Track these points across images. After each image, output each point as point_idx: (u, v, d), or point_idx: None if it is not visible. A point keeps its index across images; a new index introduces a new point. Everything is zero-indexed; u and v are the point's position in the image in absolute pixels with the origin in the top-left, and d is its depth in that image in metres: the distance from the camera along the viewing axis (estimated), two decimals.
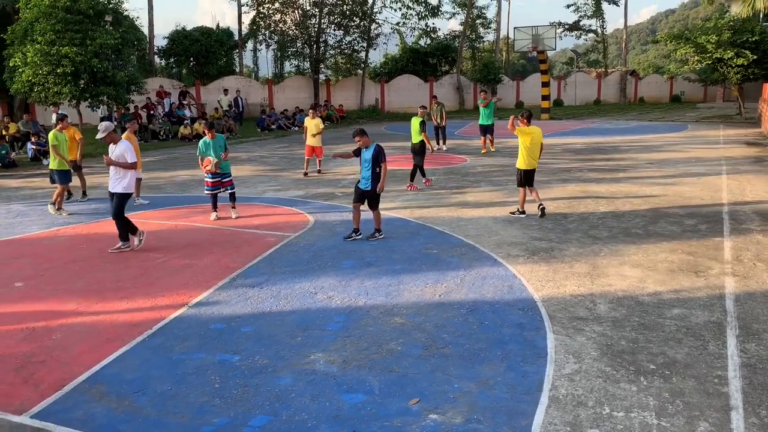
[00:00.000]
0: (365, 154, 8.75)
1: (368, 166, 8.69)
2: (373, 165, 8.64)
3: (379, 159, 8.64)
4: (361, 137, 8.73)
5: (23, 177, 16.02)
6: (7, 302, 6.67)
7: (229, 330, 5.86)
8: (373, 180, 8.70)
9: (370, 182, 8.73)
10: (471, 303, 6.42)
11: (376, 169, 8.65)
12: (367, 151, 8.76)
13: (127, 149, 8.48)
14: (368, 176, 8.72)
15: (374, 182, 8.70)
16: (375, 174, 8.67)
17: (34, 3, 19.70)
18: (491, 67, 42.43)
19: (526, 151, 10.16)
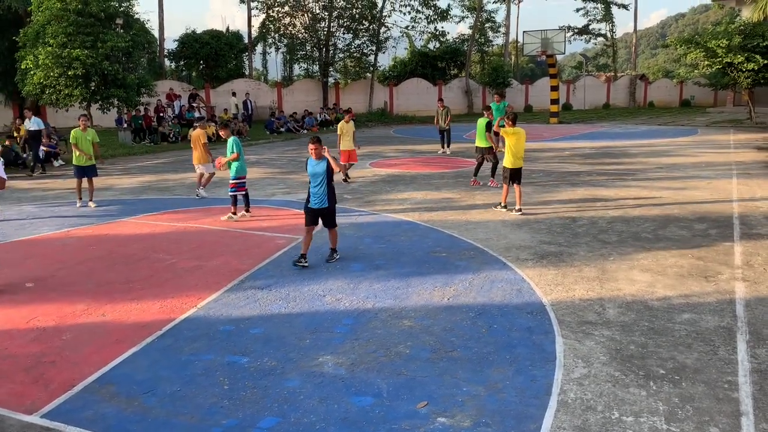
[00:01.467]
0: (317, 168, 7.80)
1: (321, 181, 7.76)
2: (327, 179, 7.78)
3: (331, 172, 7.81)
4: (316, 146, 7.78)
5: (34, 178, 16.13)
6: (18, 302, 6.72)
7: (238, 332, 5.88)
8: (329, 196, 7.84)
9: (325, 198, 7.82)
10: (480, 306, 6.41)
11: (331, 183, 7.85)
12: (319, 164, 7.80)
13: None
14: (321, 192, 7.79)
15: (330, 198, 7.86)
16: (330, 189, 7.85)
17: (46, 6, 19.87)
18: (500, 70, 42.39)
19: (511, 150, 10.77)
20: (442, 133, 20.20)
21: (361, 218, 10.66)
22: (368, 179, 15.02)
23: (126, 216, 11.13)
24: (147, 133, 24.21)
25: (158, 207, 11.95)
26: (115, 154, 20.80)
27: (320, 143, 7.81)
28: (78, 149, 11.89)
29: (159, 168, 17.88)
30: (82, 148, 11.91)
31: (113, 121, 24.70)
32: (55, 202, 12.58)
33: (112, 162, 19.18)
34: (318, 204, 7.82)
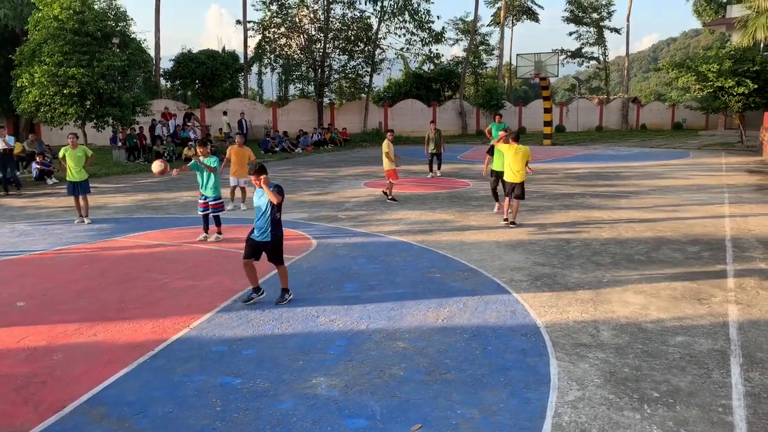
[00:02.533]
0: (259, 199, 7.15)
1: (263, 212, 7.09)
2: (272, 210, 7.05)
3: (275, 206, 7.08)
4: (257, 176, 6.98)
5: (28, 196, 16.08)
6: (9, 322, 6.66)
7: (231, 352, 5.84)
8: (273, 229, 7.09)
9: (268, 232, 7.09)
10: (474, 328, 6.40)
11: (277, 214, 7.11)
12: (262, 192, 7.11)
13: None
14: (265, 226, 7.08)
15: (274, 231, 7.10)
16: (275, 221, 7.11)
17: (43, 24, 20.00)
18: (494, 92, 42.84)
19: (507, 163, 11.52)
20: (433, 156, 19.49)
21: (355, 239, 10.66)
22: (362, 199, 15.05)
23: (120, 234, 11.09)
24: (141, 152, 24.23)
25: (152, 226, 11.92)
26: (109, 172, 20.78)
27: (260, 173, 6.96)
28: (65, 163, 12.19)
29: (153, 187, 17.86)
30: (70, 165, 12.12)
31: (108, 140, 24.72)
32: (48, 220, 12.53)
33: (106, 180, 19.16)
34: (259, 237, 7.11)
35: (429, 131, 19.48)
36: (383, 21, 38.58)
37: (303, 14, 36.75)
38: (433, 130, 19.49)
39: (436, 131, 19.43)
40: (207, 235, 10.57)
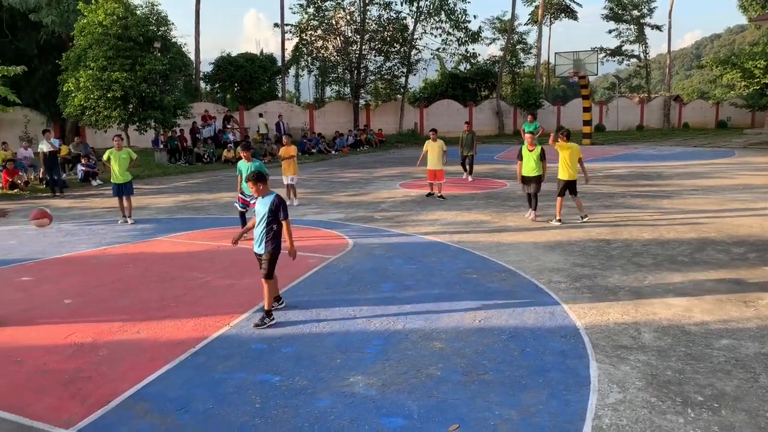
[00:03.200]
0: (259, 205, 6.77)
1: (263, 221, 6.68)
2: (269, 221, 6.62)
3: (278, 214, 6.64)
4: (255, 183, 6.63)
5: (73, 198, 16.56)
6: (57, 318, 6.87)
7: (270, 350, 5.91)
8: (267, 240, 6.63)
9: (264, 242, 6.65)
10: (512, 329, 6.35)
11: (273, 225, 6.63)
12: (262, 202, 6.74)
13: None
14: (261, 234, 6.67)
15: (269, 242, 6.63)
16: (270, 231, 6.63)
17: (88, 31, 20.57)
18: (531, 92, 42.36)
19: (566, 163, 11.58)
20: (464, 159, 18.68)
21: (391, 239, 10.68)
22: (398, 200, 15.06)
23: (161, 235, 11.34)
24: (182, 154, 24.71)
25: (192, 226, 12.15)
26: (151, 174, 21.26)
27: (257, 181, 6.62)
28: (110, 166, 12.50)
29: (193, 188, 18.20)
30: (114, 167, 12.44)
31: (150, 142, 25.28)
32: (93, 221, 12.88)
33: (148, 182, 19.60)
34: (257, 247, 6.74)
35: (462, 132, 18.76)
36: (419, 21, 38.56)
37: (339, 16, 36.98)
38: (466, 131, 18.64)
39: (469, 132, 18.57)
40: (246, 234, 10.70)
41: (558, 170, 11.71)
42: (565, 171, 11.62)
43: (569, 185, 11.70)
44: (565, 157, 11.55)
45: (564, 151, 11.50)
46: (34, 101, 27.01)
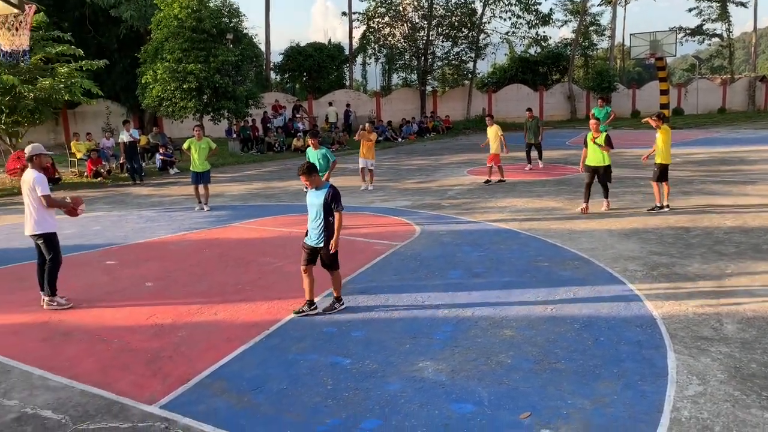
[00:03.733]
0: (312, 198, 6.53)
1: (317, 214, 6.48)
2: (324, 213, 6.42)
3: (331, 206, 6.41)
4: (307, 176, 6.42)
5: (152, 186, 17.27)
6: (139, 300, 7.22)
7: (340, 334, 6.02)
8: (326, 233, 6.48)
9: (322, 236, 6.49)
10: (585, 318, 6.21)
11: (329, 218, 6.45)
12: (315, 194, 6.50)
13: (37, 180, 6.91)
14: (318, 228, 6.48)
15: (328, 236, 6.48)
16: (328, 225, 6.47)
17: (165, 24, 21.29)
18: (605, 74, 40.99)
19: (665, 146, 11.13)
20: (530, 147, 17.89)
21: (459, 226, 10.62)
22: (466, 187, 14.93)
23: (236, 221, 11.68)
24: (254, 143, 25.31)
25: (265, 213, 12.46)
26: (224, 163, 21.89)
27: (310, 173, 6.44)
28: (190, 154, 12.80)
29: (265, 176, 18.64)
30: (194, 155, 12.70)
31: (223, 132, 26.02)
32: (172, 208, 13.41)
33: (222, 170, 20.21)
34: (314, 241, 6.55)
35: (526, 119, 18.14)
36: (488, 5, 37.90)
37: (407, 3, 36.81)
38: (529, 117, 17.99)
39: (532, 119, 17.87)
40: None
41: (658, 154, 11.25)
42: (664, 154, 11.16)
43: (666, 169, 11.27)
44: (666, 140, 11.14)
45: (665, 135, 11.15)
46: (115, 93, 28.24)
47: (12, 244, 10.27)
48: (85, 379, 5.16)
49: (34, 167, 7.05)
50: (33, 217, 6.95)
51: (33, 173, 6.96)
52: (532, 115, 18.02)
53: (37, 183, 6.87)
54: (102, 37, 27.57)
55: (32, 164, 7.07)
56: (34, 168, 7.04)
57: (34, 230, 6.99)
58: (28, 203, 7.01)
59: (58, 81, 17.27)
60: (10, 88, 16.12)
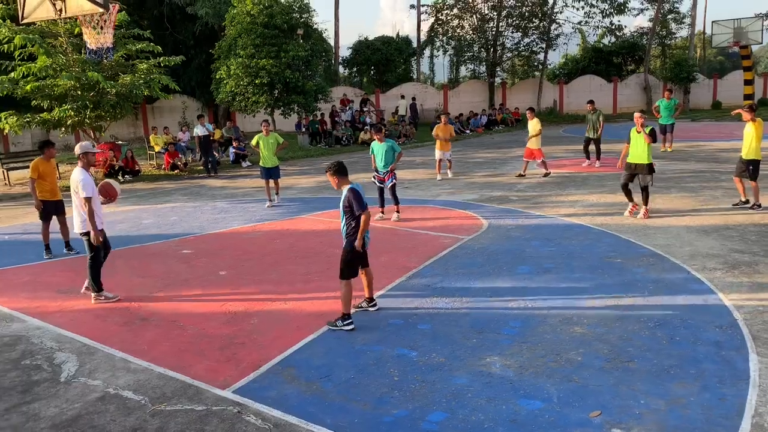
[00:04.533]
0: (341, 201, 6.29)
1: (341, 215, 6.29)
2: (346, 217, 6.19)
3: (353, 208, 6.10)
4: (331, 176, 6.23)
5: (226, 178, 17.80)
6: (214, 288, 7.47)
7: (407, 326, 6.04)
8: (347, 235, 6.23)
9: (343, 234, 6.34)
10: (660, 317, 6.00)
11: (351, 221, 6.17)
12: (341, 197, 6.29)
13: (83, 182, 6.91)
14: (342, 229, 6.32)
15: (348, 238, 6.23)
16: (350, 227, 6.19)
17: (238, 20, 21.86)
18: (684, 64, 39.17)
19: (758, 141, 10.34)
20: (588, 142, 16.60)
21: (528, 220, 10.44)
22: (535, 180, 14.66)
23: (305, 213, 11.90)
24: (323, 137, 25.67)
25: (333, 205, 12.61)
26: (294, 156, 22.31)
27: (335, 174, 6.21)
28: (258, 150, 12.84)
29: None
30: (263, 151, 12.69)
31: (293, 126, 26.50)
32: (244, 199, 13.78)
33: (291, 164, 20.60)
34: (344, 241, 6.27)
35: (587, 112, 16.83)
36: None
37: None
38: (590, 110, 16.68)
39: (594, 111, 16.53)
40: (383, 214, 10.98)
41: (746, 150, 10.49)
42: (755, 150, 10.37)
43: (757, 166, 10.47)
44: (759, 134, 10.35)
45: (758, 128, 10.36)
46: (190, 89, 29.25)
47: None
48: (163, 362, 5.40)
49: (83, 166, 7.08)
50: (80, 216, 7.04)
51: (80, 173, 6.96)
52: (594, 108, 16.83)
53: (81, 185, 6.88)
54: (179, 34, 28.58)
55: (81, 162, 7.11)
56: (83, 167, 7.07)
57: (81, 228, 7.08)
58: (74, 202, 7.10)
59: (138, 77, 18.03)
60: (94, 84, 16.92)
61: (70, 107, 16.92)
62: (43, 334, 6.19)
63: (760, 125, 10.41)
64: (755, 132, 10.36)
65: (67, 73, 16.55)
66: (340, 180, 6.21)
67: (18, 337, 6.13)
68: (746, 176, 10.53)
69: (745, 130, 10.58)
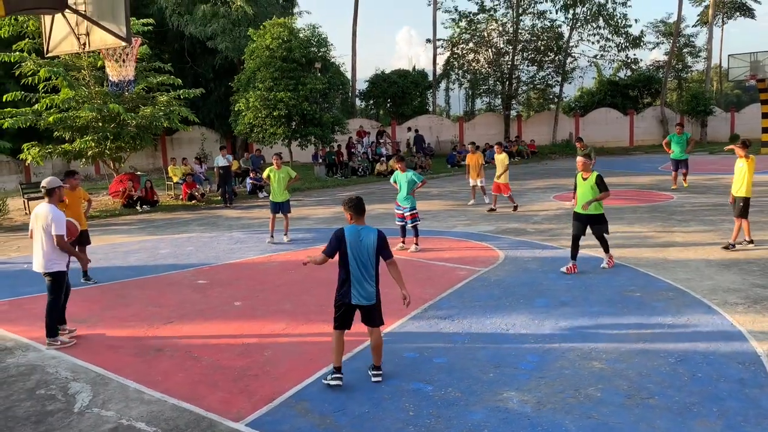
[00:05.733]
0: (363, 237, 5.40)
1: (367, 260, 5.39)
2: (376, 260, 5.45)
3: (384, 251, 5.45)
4: (349, 212, 5.48)
5: (242, 208, 17.92)
6: (228, 319, 7.46)
7: (422, 360, 5.97)
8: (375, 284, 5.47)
9: (374, 290, 5.48)
10: (680, 352, 5.87)
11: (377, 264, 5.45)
12: (364, 234, 5.41)
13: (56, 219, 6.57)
14: (371, 279, 5.44)
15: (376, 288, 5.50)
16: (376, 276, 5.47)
17: (257, 54, 22.28)
18: (701, 98, 39.18)
19: (750, 178, 10.06)
20: None
21: (545, 252, 10.36)
22: (552, 212, 14.58)
23: (320, 243, 11.88)
24: (339, 168, 25.85)
25: None
26: (310, 187, 22.45)
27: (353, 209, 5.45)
28: (269, 184, 12.48)
29: None
30: (273, 185, 12.25)
31: (310, 157, 26.74)
32: (260, 230, 13.84)
33: (308, 194, 20.72)
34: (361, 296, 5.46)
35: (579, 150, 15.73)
36: (575, 28, 37.24)
37: (492, 28, 36.76)
38: (580, 148, 15.66)
39: (584, 149, 15.28)
40: (404, 245, 10.96)
41: (738, 187, 10.13)
42: (748, 187, 10.02)
43: (748, 203, 10.11)
44: (751, 171, 10.08)
45: (752, 165, 10.10)
46: (209, 120, 29.71)
47: (112, 262, 10.88)
48: (177, 393, 5.36)
49: (52, 201, 6.71)
50: (44, 254, 6.63)
51: (50, 209, 6.61)
52: (584, 146, 15.72)
53: (54, 220, 6.54)
54: (199, 67, 29.16)
55: (50, 198, 6.72)
56: (52, 202, 6.70)
57: (44, 267, 6.66)
58: (39, 238, 6.66)
59: (158, 109, 18.36)
60: (115, 116, 17.26)
61: (92, 138, 17.24)
62: (58, 363, 6.19)
63: (752, 162, 10.11)
64: (748, 169, 10.06)
65: (89, 105, 16.91)
66: (353, 218, 5.50)
67: (33, 366, 6.14)
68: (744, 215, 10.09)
69: (737, 166, 10.20)
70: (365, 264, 5.38)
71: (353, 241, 5.36)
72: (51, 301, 6.72)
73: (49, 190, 6.73)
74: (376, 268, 5.47)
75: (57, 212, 6.61)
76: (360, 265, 5.36)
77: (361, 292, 5.40)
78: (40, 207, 6.73)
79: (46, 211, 6.61)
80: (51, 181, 6.84)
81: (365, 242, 5.36)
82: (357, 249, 5.35)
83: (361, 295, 5.40)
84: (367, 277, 5.39)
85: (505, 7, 36.55)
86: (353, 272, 5.36)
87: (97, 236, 12.98)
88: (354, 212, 5.46)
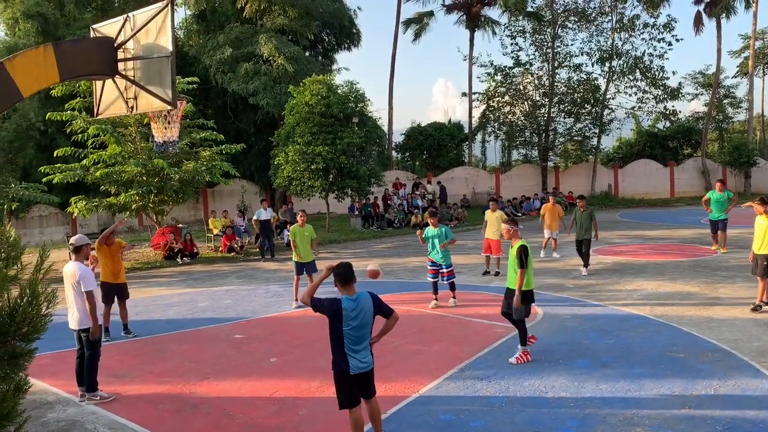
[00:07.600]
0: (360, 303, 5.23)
1: (366, 329, 5.22)
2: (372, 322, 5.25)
3: (383, 310, 5.35)
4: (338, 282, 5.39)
5: (280, 261, 18.10)
6: (263, 375, 7.47)
7: (459, 423, 5.85)
8: None
9: (371, 356, 5.30)
10: (729, 419, 5.63)
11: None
12: (362, 305, 5.22)
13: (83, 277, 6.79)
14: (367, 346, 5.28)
15: None
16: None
17: (297, 110, 22.90)
18: (743, 148, 38.45)
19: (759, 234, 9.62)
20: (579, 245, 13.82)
21: (584, 310, 10.15)
22: (592, 267, 14.32)
23: None
24: (375, 220, 26.01)
25: (384, 290, 12.57)
26: (347, 239, 22.60)
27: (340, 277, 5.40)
28: (294, 246, 11.48)
29: (385, 252, 18.98)
30: (298, 244, 11.40)
31: (346, 209, 27.00)
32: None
33: (344, 246, 20.84)
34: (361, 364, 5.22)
35: (576, 209, 14.30)
36: (612, 81, 37.27)
37: (527, 81, 37.06)
38: (581, 208, 14.08)
39: (584, 209, 13.92)
40: (437, 301, 10.86)
41: (759, 244, 9.59)
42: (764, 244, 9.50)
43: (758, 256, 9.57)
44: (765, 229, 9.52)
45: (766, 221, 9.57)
46: (250, 173, 30.39)
47: (152, 315, 11.06)
48: None
49: (79, 258, 6.89)
50: (77, 311, 6.82)
51: (78, 267, 6.80)
52: (584, 205, 14.18)
53: (82, 278, 6.73)
54: (240, 122, 30.04)
55: (77, 255, 6.90)
56: (78, 259, 6.88)
57: (79, 324, 6.83)
58: (71, 296, 6.84)
59: (201, 164, 18.90)
60: (159, 170, 17.82)
61: (136, 192, 17.78)
62: (97, 419, 6.27)
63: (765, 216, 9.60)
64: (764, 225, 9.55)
65: (134, 161, 17.51)
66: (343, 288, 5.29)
67: (73, 422, 6.23)
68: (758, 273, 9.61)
69: (758, 224, 9.71)
70: (363, 335, 5.18)
71: (350, 317, 5.13)
72: (89, 356, 6.85)
73: (77, 247, 6.93)
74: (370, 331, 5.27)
75: (84, 269, 6.82)
76: (357, 338, 5.15)
77: (361, 359, 5.18)
78: (68, 266, 6.92)
79: (74, 269, 6.81)
80: (79, 238, 7.06)
81: (364, 314, 5.17)
82: (355, 323, 5.12)
83: (361, 362, 5.18)
84: (364, 345, 5.21)
85: (540, 60, 36.92)
86: (348, 344, 5.15)
87: (138, 288, 13.26)
88: (341, 282, 5.23)
